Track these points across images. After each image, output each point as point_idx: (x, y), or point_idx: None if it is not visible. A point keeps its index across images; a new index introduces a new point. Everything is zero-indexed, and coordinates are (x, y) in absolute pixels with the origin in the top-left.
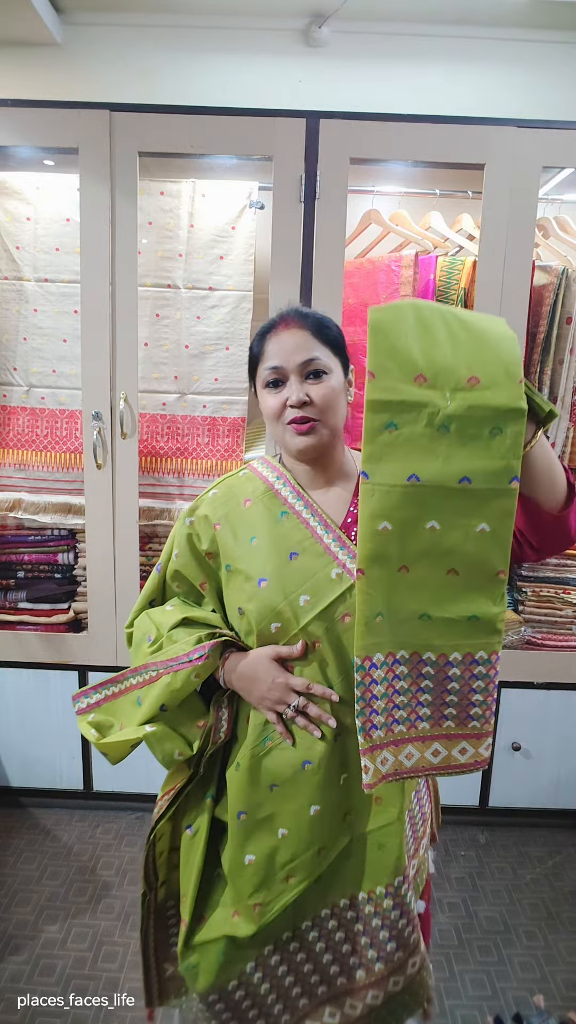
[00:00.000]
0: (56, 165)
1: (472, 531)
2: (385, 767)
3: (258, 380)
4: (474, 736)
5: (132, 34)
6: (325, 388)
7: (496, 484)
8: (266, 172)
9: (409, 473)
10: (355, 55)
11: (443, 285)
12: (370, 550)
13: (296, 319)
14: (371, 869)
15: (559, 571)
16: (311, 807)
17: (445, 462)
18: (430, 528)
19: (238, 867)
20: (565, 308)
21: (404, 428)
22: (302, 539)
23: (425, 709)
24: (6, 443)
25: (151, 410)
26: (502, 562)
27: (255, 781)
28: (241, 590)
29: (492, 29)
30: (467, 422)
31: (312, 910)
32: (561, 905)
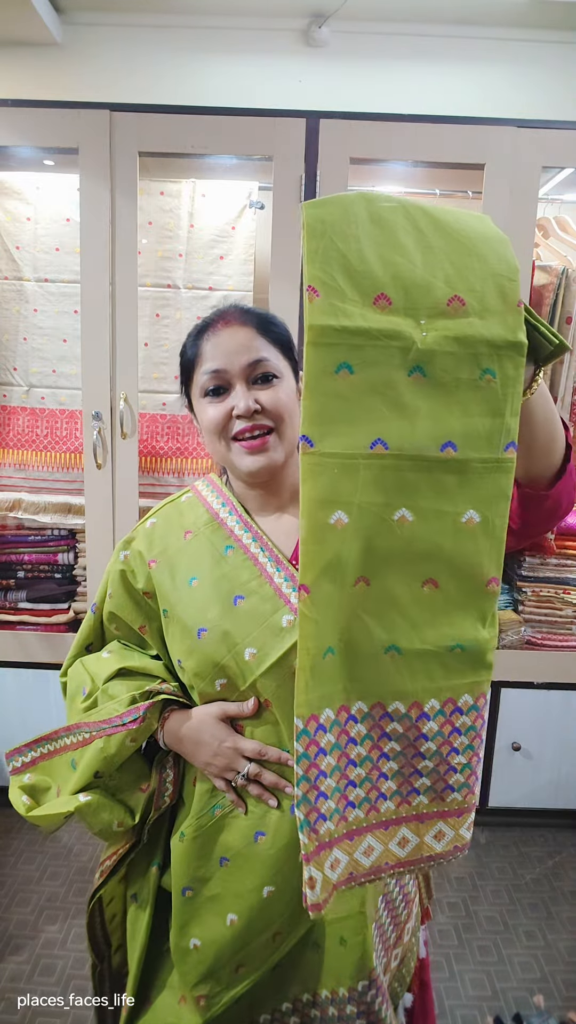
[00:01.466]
0: (56, 165)
1: (458, 522)
2: (336, 872)
3: (194, 389)
4: (454, 813)
5: (132, 34)
6: (278, 393)
7: (488, 452)
8: (266, 172)
9: (373, 437)
10: (355, 55)
11: None
12: (317, 555)
13: (238, 315)
14: (332, 963)
15: (559, 571)
16: (264, 888)
17: (422, 420)
18: (399, 520)
19: (183, 951)
20: (565, 308)
21: (362, 371)
22: (249, 579)
23: (390, 783)
24: (6, 443)
25: (151, 410)
26: (495, 567)
27: (202, 854)
28: (180, 640)
29: (492, 29)
30: (449, 362)
31: (271, 1003)
32: (561, 905)
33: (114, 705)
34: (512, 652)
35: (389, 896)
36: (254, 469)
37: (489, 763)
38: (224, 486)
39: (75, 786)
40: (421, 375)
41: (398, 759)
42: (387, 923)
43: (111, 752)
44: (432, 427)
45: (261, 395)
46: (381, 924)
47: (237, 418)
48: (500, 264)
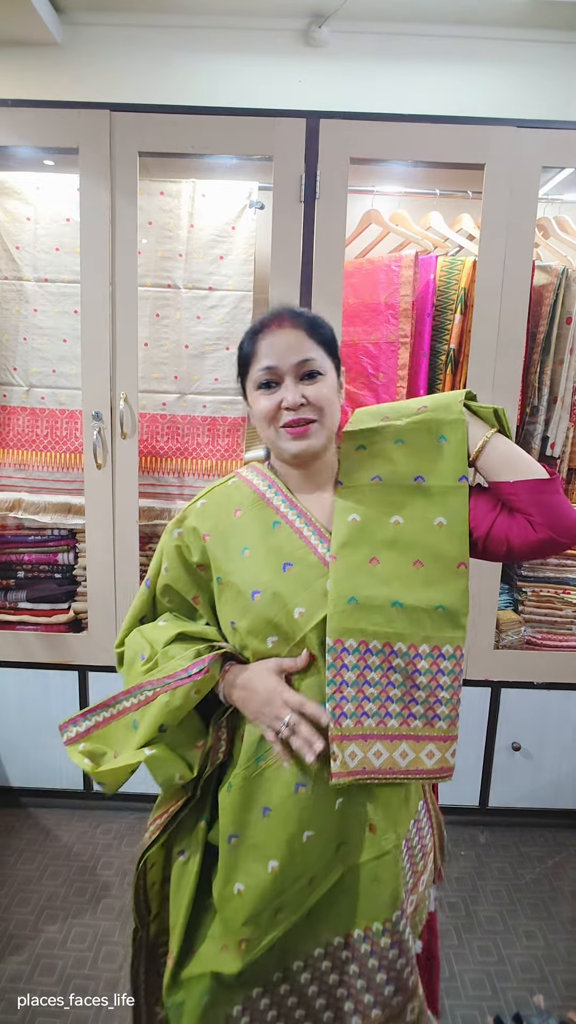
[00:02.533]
0: (56, 165)
1: (431, 524)
2: (353, 762)
3: (249, 382)
4: (440, 739)
5: (132, 34)
6: (321, 388)
7: (445, 481)
8: (266, 172)
9: (373, 475)
10: (355, 55)
11: (443, 285)
12: (343, 538)
13: (289, 318)
14: (366, 904)
15: (559, 571)
16: (303, 833)
17: (401, 465)
18: (395, 522)
19: (228, 897)
20: (565, 308)
21: (370, 447)
22: (295, 549)
23: (394, 705)
24: (6, 443)
25: (151, 410)
26: (461, 554)
27: (247, 804)
28: (234, 603)
29: (492, 29)
30: (417, 434)
31: (304, 949)
32: (561, 905)
33: (178, 661)
34: (512, 652)
35: (410, 844)
36: (297, 452)
37: (489, 763)
38: (268, 470)
39: (140, 741)
40: (402, 443)
41: (400, 688)
42: (407, 869)
43: (176, 704)
44: (407, 469)
45: (307, 390)
46: (403, 868)
47: (286, 409)
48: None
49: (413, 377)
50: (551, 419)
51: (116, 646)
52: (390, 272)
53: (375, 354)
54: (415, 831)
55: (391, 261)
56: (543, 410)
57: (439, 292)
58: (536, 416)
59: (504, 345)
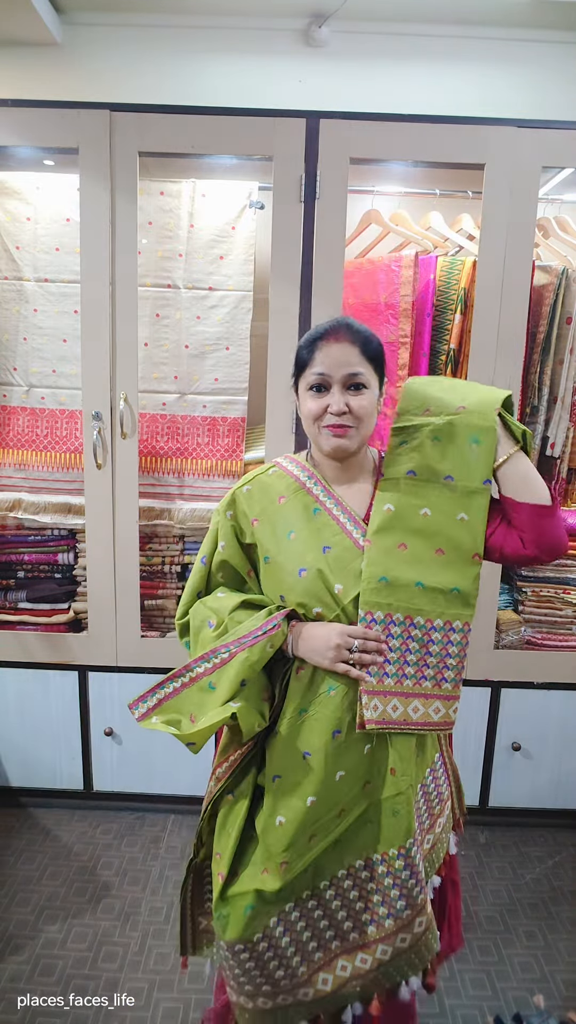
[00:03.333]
0: (56, 165)
1: (454, 518)
2: (375, 713)
3: (302, 382)
4: (445, 697)
5: (132, 34)
6: (364, 401)
7: (471, 483)
8: (266, 172)
9: (408, 469)
10: (355, 55)
11: (443, 285)
12: (377, 524)
13: (347, 333)
14: (385, 833)
15: (559, 571)
16: (337, 772)
17: (434, 462)
18: (423, 514)
19: (270, 828)
20: (565, 308)
21: (411, 442)
22: (333, 534)
23: (410, 668)
24: (6, 443)
25: (151, 410)
26: (476, 547)
27: (290, 748)
28: (281, 580)
29: (492, 29)
30: (452, 434)
31: (330, 871)
32: (561, 905)
33: (252, 621)
34: (512, 652)
35: (426, 789)
36: (333, 448)
37: (489, 763)
38: (307, 461)
39: (223, 698)
40: (438, 440)
41: (416, 654)
42: (423, 808)
43: (255, 659)
44: (439, 466)
45: (351, 400)
46: (419, 807)
47: (330, 414)
48: (491, 395)
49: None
50: (551, 419)
51: (178, 618)
52: (390, 272)
53: None
54: (431, 779)
55: (391, 261)
56: (543, 410)
57: (439, 292)
58: (536, 416)
59: (504, 345)
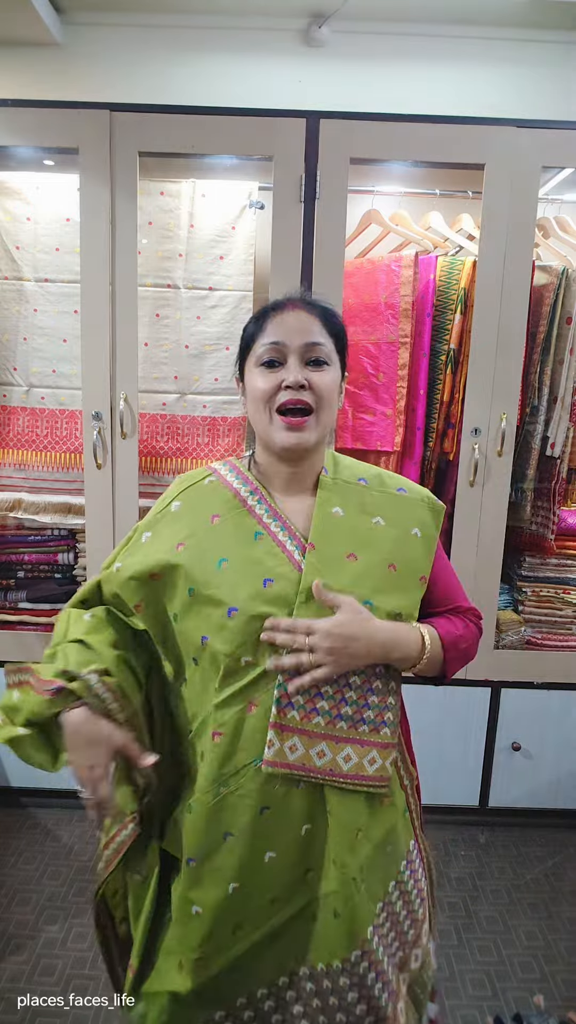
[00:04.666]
0: (56, 165)
1: (409, 531)
2: (293, 755)
3: (250, 360)
4: (382, 745)
5: (132, 34)
6: (328, 378)
7: (423, 497)
8: (266, 172)
9: (360, 476)
10: (355, 55)
11: (443, 285)
12: (322, 529)
13: (303, 304)
14: (327, 937)
15: (559, 571)
16: (266, 853)
17: (385, 478)
18: (375, 523)
19: (185, 916)
20: (565, 308)
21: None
22: (277, 564)
23: (348, 708)
24: (6, 443)
25: (151, 410)
26: (425, 568)
27: (208, 828)
28: (207, 618)
29: (492, 29)
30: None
31: (267, 976)
32: (561, 905)
33: (48, 668)
34: (512, 652)
35: (404, 888)
36: (289, 445)
37: (489, 763)
38: (247, 469)
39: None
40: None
41: (356, 691)
42: (402, 914)
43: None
44: (392, 481)
45: (312, 375)
46: (394, 912)
47: (286, 388)
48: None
49: (413, 377)
50: (551, 419)
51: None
52: (390, 272)
53: (375, 354)
54: (408, 873)
55: (391, 261)
56: (543, 410)
57: (439, 292)
58: (536, 416)
59: (504, 345)
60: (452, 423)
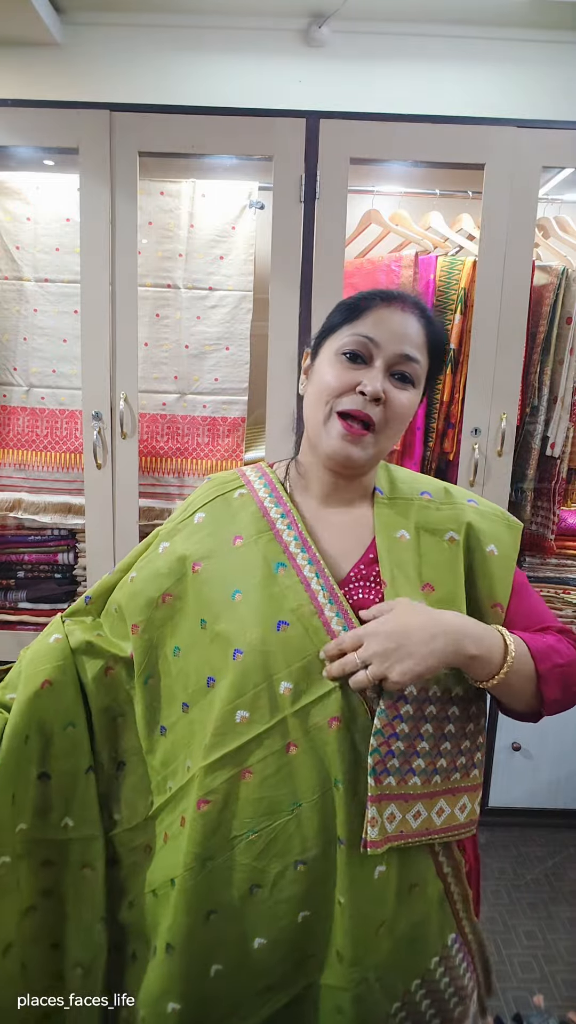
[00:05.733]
0: (56, 165)
1: (482, 549)
2: (392, 825)
3: (330, 343)
4: (473, 789)
5: (132, 34)
6: (406, 399)
7: (498, 512)
8: (266, 172)
9: (422, 490)
10: (355, 55)
11: (443, 285)
12: (390, 558)
13: (414, 307)
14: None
15: (559, 571)
16: (254, 939)
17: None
18: (449, 539)
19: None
20: (565, 308)
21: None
22: (298, 606)
23: (443, 760)
24: (6, 443)
25: (151, 410)
26: (503, 595)
27: (188, 908)
28: (210, 658)
29: (492, 29)
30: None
31: None
32: (561, 905)
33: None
34: None
35: (433, 987)
36: (337, 455)
37: (489, 763)
38: (281, 482)
39: None
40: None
41: (451, 740)
42: (428, 1013)
43: None
44: (459, 492)
45: (392, 390)
46: (417, 1011)
47: (359, 393)
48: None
49: None
50: (551, 419)
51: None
52: (390, 272)
53: None
54: (442, 971)
55: (391, 261)
56: (543, 410)
57: (439, 292)
58: (536, 416)
59: (504, 345)
60: (452, 423)
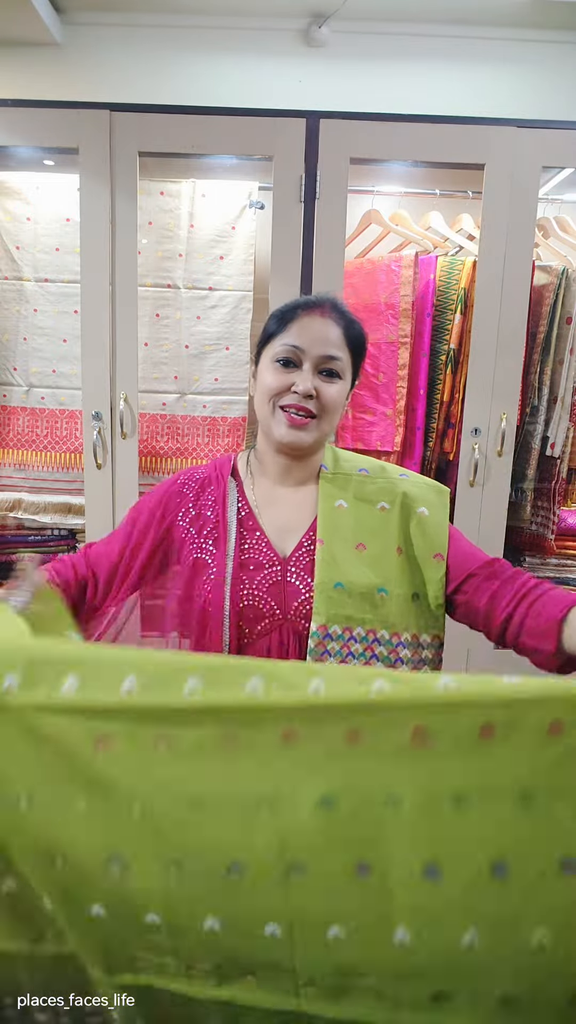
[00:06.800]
0: (56, 165)
1: (415, 512)
2: None
3: (267, 352)
4: None
5: (132, 34)
6: (335, 390)
7: (426, 481)
8: (266, 172)
9: (360, 467)
10: (355, 55)
11: (443, 285)
12: (328, 523)
13: (332, 311)
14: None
15: (559, 571)
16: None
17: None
18: (380, 508)
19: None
20: (565, 308)
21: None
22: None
23: None
24: (6, 443)
25: (151, 410)
26: (439, 546)
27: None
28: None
29: (492, 29)
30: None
31: None
32: None
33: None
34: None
35: None
36: (287, 440)
37: None
38: (246, 464)
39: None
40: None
41: None
42: None
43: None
44: (393, 469)
45: (321, 385)
46: None
47: (293, 393)
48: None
49: (413, 377)
50: (551, 419)
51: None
52: (390, 272)
53: (375, 354)
54: None
55: (391, 261)
56: (543, 410)
57: (439, 292)
58: (536, 416)
59: (504, 345)
60: (452, 423)
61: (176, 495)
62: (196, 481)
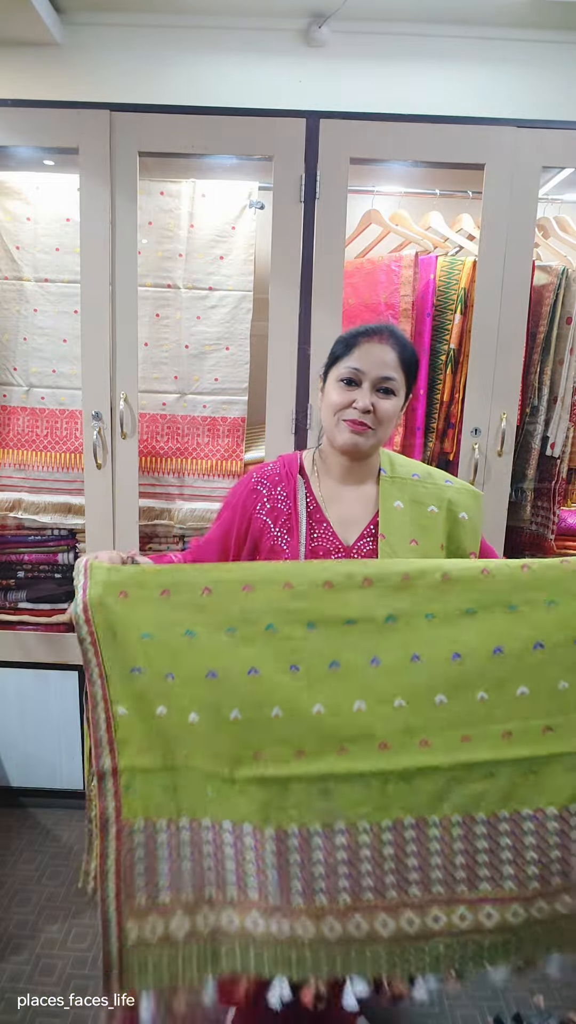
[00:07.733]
0: (56, 165)
1: (457, 517)
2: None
3: (333, 372)
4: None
5: (132, 34)
6: (389, 405)
7: (466, 487)
8: (266, 172)
9: (412, 472)
10: (355, 55)
11: (443, 285)
12: (388, 520)
13: (390, 337)
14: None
15: None
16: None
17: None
18: (430, 511)
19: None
20: (565, 308)
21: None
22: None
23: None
24: (6, 443)
25: (151, 410)
26: (475, 545)
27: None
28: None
29: (492, 29)
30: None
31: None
32: None
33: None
34: None
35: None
36: (347, 444)
37: None
38: (312, 464)
39: None
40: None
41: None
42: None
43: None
44: (438, 474)
45: (378, 402)
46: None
47: (354, 408)
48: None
49: None
50: (551, 419)
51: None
52: (390, 272)
53: None
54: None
55: (391, 261)
56: (543, 410)
57: (439, 292)
58: (536, 416)
59: (504, 345)
60: (452, 423)
61: (252, 492)
62: (268, 478)
